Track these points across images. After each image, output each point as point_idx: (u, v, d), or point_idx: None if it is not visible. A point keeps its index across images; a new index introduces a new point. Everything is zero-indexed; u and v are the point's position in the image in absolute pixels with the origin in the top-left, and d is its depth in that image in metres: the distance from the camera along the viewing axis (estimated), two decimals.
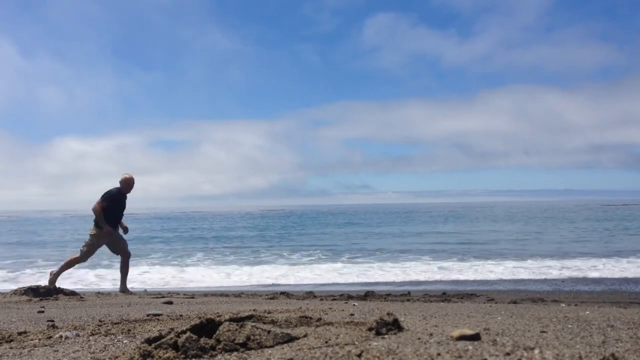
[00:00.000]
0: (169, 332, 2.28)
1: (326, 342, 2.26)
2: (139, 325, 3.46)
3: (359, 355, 1.91)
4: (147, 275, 13.43)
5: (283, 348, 2.19)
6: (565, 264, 14.01)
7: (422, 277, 12.26)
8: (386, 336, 2.35)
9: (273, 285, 11.53)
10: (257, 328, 2.32)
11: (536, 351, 1.89)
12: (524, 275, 12.25)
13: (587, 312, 3.75)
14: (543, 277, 11.89)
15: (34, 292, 7.40)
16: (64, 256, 10.62)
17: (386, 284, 11.38)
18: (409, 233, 30.35)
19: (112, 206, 8.10)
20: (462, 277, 12.10)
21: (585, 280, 11.32)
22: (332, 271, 13.53)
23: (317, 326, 2.79)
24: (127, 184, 8.29)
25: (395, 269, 13.75)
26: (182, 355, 2.12)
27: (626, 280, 11.22)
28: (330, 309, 4.44)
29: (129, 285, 8.46)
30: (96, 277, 13.12)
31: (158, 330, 3.00)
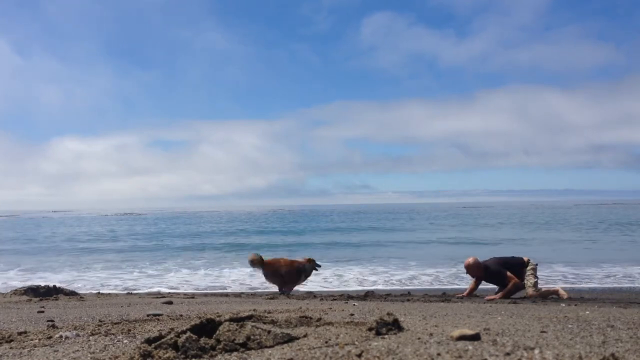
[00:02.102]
0: (169, 332, 2.28)
1: (326, 342, 2.26)
2: (139, 325, 3.46)
3: (359, 355, 1.91)
4: (145, 277, 13.43)
5: (283, 348, 2.19)
6: (565, 264, 14.00)
7: (422, 280, 12.25)
8: (386, 336, 2.35)
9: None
10: (257, 328, 2.32)
11: (536, 351, 1.89)
12: None
13: (587, 312, 3.75)
14: (543, 277, 11.88)
15: (34, 292, 7.40)
16: (75, 258, 10.59)
17: (386, 284, 11.37)
18: (411, 235, 30.34)
19: None
20: (462, 279, 12.09)
21: (585, 281, 11.32)
22: (333, 273, 13.51)
23: (317, 326, 2.79)
24: None
25: (395, 271, 13.74)
26: (182, 355, 2.12)
27: (626, 280, 11.22)
28: (330, 309, 4.45)
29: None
30: (96, 277, 13.13)
31: (158, 330, 3.00)
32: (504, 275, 8.00)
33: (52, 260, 17.54)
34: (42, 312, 4.88)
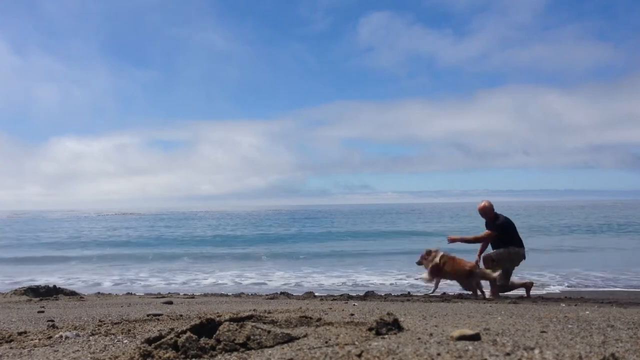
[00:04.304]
0: (169, 332, 2.28)
1: (326, 342, 2.26)
2: (139, 325, 3.46)
3: (359, 355, 1.91)
4: (146, 277, 13.43)
5: (283, 348, 2.19)
6: (565, 263, 13.98)
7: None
8: (386, 336, 2.35)
9: (274, 285, 11.53)
10: (257, 328, 2.32)
11: (536, 351, 1.89)
12: (522, 275, 12.22)
13: (587, 312, 3.75)
14: (543, 276, 11.87)
15: (34, 292, 7.40)
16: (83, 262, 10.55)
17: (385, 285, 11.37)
18: (413, 237, 30.35)
19: None
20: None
21: (585, 280, 11.31)
22: (333, 275, 13.52)
23: (317, 326, 2.79)
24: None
25: (396, 273, 13.74)
26: (182, 355, 2.12)
27: (626, 280, 11.21)
28: (330, 309, 4.44)
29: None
30: (96, 277, 13.12)
31: (158, 330, 3.00)
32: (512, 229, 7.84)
33: (52, 260, 17.53)
34: (42, 312, 4.88)
